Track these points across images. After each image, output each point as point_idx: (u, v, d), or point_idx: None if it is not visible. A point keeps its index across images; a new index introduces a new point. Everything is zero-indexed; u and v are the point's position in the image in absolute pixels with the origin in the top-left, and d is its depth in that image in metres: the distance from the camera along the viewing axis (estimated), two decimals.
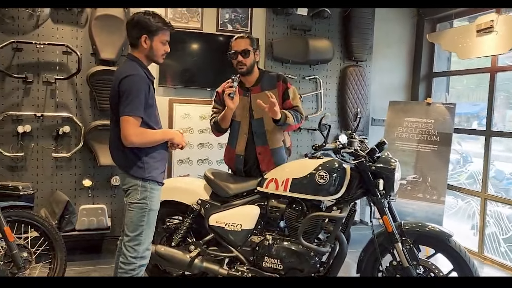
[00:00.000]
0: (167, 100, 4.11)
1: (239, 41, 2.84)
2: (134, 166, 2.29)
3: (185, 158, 4.20)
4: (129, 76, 2.23)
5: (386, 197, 2.58)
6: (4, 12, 3.58)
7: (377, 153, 2.59)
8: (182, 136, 2.46)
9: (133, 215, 2.30)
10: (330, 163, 2.66)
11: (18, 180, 3.72)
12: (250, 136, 2.91)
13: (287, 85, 2.91)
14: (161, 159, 2.39)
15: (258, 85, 2.89)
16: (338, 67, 4.60)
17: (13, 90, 3.68)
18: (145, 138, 2.25)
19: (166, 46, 2.39)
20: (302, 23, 4.42)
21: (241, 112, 2.89)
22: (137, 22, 2.31)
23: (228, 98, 2.73)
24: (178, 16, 4.06)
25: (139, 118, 2.22)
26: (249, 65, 2.83)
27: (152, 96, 2.33)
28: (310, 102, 4.52)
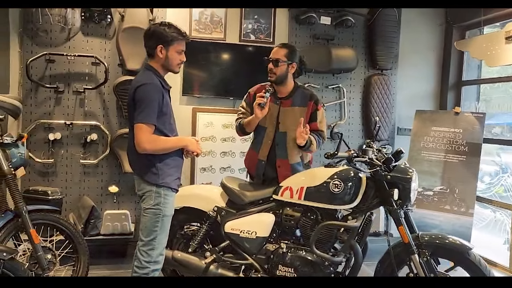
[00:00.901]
0: (190, 109, 4.19)
1: (277, 49, 2.91)
2: (148, 172, 2.36)
3: (208, 166, 4.26)
4: (143, 85, 2.31)
5: (402, 207, 2.53)
6: (38, 26, 3.79)
7: (393, 162, 2.54)
8: (197, 144, 2.51)
9: (147, 220, 2.36)
10: (345, 172, 2.64)
11: (48, 185, 3.89)
12: (273, 145, 2.93)
13: (318, 106, 2.92)
14: (176, 166, 2.45)
15: (289, 99, 2.92)
16: (362, 76, 4.55)
17: (45, 99, 3.87)
18: (157, 145, 2.32)
19: (181, 56, 2.46)
20: (325, 32, 4.42)
21: (269, 119, 2.92)
22: (153, 32, 2.40)
23: (258, 108, 2.77)
24: (202, 27, 4.16)
25: (152, 126, 2.29)
26: (278, 75, 2.86)
27: (166, 104, 2.39)
28: (334, 111, 4.50)
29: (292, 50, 2.89)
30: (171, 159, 2.42)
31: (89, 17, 3.82)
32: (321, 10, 4.33)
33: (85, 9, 3.80)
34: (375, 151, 2.78)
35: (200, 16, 4.14)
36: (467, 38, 4.58)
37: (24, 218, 2.83)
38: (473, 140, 4.17)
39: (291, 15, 4.33)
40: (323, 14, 4.36)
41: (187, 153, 2.51)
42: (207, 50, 4.15)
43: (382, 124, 4.53)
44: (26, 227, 2.83)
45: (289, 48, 2.89)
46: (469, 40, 4.42)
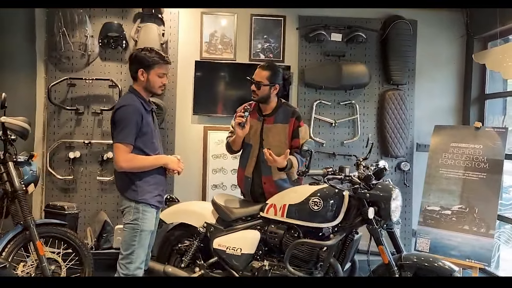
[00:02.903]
0: (202, 128, 4.32)
1: (259, 71, 2.94)
2: (128, 189, 2.49)
3: (219, 183, 4.35)
4: (122, 107, 2.45)
5: (382, 226, 2.46)
6: (61, 53, 4.12)
7: (372, 180, 2.48)
8: (178, 162, 2.61)
9: (126, 235, 2.48)
10: (327, 190, 2.61)
11: (69, 200, 4.15)
12: (258, 161, 2.96)
13: (300, 123, 2.93)
14: (155, 183, 2.55)
15: (272, 116, 2.96)
16: (376, 92, 4.46)
17: (67, 120, 4.17)
18: (134, 163, 2.44)
19: (163, 79, 2.58)
20: (336, 49, 4.40)
21: (253, 136, 2.97)
22: (135, 57, 2.55)
23: (238, 127, 2.83)
24: (212, 48, 4.31)
25: (129, 145, 2.42)
26: (260, 96, 2.91)
27: (147, 125, 2.51)
28: (346, 128, 4.43)
29: (274, 72, 2.91)
30: (151, 177, 2.52)
31: (106, 43, 4.10)
32: (331, 27, 4.33)
33: (103, 36, 4.08)
34: (362, 168, 2.73)
35: (210, 38, 4.30)
36: (485, 50, 4.37)
37: (31, 230, 3.05)
38: (495, 156, 3.92)
39: (300, 33, 4.37)
40: (334, 31, 4.36)
41: (168, 171, 2.61)
42: (217, 70, 4.28)
43: (398, 141, 4.40)
44: (33, 239, 3.05)
45: (271, 70, 2.90)
46: (486, 51, 4.20)
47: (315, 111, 4.34)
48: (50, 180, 4.17)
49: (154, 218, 2.58)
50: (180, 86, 4.30)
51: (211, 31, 4.29)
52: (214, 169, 4.33)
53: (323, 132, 4.39)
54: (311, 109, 4.34)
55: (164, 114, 4.16)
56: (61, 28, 4.04)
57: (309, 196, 2.60)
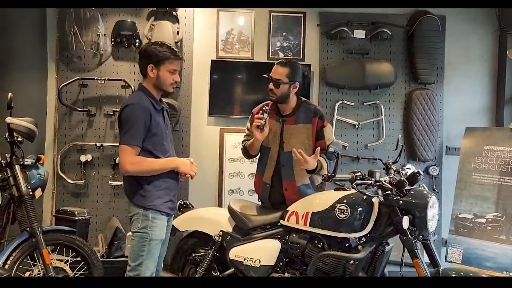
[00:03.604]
0: (217, 130, 4.13)
1: (277, 68, 2.71)
2: (136, 195, 2.30)
3: (236, 188, 4.14)
4: (128, 106, 2.27)
5: (418, 237, 2.21)
6: (73, 53, 3.98)
7: (406, 185, 2.24)
8: (190, 165, 2.41)
9: (134, 245, 2.28)
10: (354, 196, 2.38)
11: (81, 205, 3.99)
12: (277, 166, 2.74)
13: (324, 123, 2.70)
14: (166, 187, 2.36)
15: (293, 116, 2.74)
16: (402, 91, 4.20)
17: (78, 122, 4.02)
18: (141, 167, 2.25)
19: (174, 75, 2.39)
20: (359, 46, 4.16)
21: (271, 139, 2.75)
22: (144, 52, 2.37)
23: (257, 130, 2.62)
24: (229, 47, 4.11)
25: (135, 147, 2.24)
26: (279, 96, 2.69)
27: (156, 125, 2.33)
28: (371, 130, 4.18)
29: (293, 69, 2.69)
30: (161, 181, 2.33)
31: (119, 42, 3.94)
32: (354, 23, 4.10)
33: (115, 35, 3.93)
34: (393, 173, 2.49)
35: (227, 36, 4.11)
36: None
37: (38, 238, 2.89)
38: None
39: (321, 30, 4.14)
40: (357, 28, 4.12)
41: (180, 175, 2.42)
42: (234, 69, 4.09)
43: (426, 143, 4.13)
44: (39, 247, 2.88)
45: (291, 67, 2.68)
46: None
47: (337, 112, 4.10)
48: (61, 185, 4.03)
49: (165, 226, 2.38)
50: (195, 86, 4.12)
51: (227, 29, 4.10)
52: (230, 174, 4.13)
53: (346, 135, 4.14)
54: (333, 110, 4.11)
55: (178, 115, 3.98)
56: (73, 26, 3.91)
57: (335, 203, 2.37)
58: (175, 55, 2.37)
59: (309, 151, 2.63)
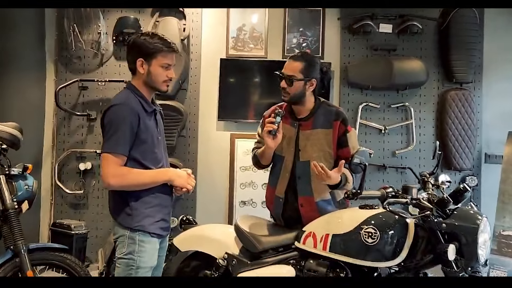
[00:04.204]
0: (228, 135, 3.77)
1: (290, 63, 2.30)
2: (121, 213, 1.94)
3: (248, 200, 3.76)
4: (112, 107, 1.93)
5: (466, 269, 1.77)
6: (72, 53, 3.70)
7: (450, 204, 1.81)
8: (187, 177, 2.04)
9: (119, 273, 1.92)
10: (384, 216, 1.96)
11: (80, 217, 3.70)
12: (292, 178, 2.35)
13: (347, 127, 2.28)
14: (158, 204, 1.99)
15: (310, 120, 2.32)
16: (435, 92, 3.76)
17: (78, 127, 3.72)
18: (126, 179, 1.89)
19: (168, 71, 2.03)
20: (386, 42, 3.74)
21: (285, 146, 2.36)
22: (132, 44, 2.02)
23: (268, 136, 2.24)
24: (240, 44, 3.76)
25: (120, 156, 1.88)
26: (293, 95, 2.28)
27: (146, 130, 1.97)
28: (399, 135, 3.75)
29: (309, 63, 2.28)
30: (151, 197, 1.97)
31: (121, 40, 3.64)
32: (380, 16, 3.68)
33: (117, 33, 3.63)
34: (431, 187, 2.07)
35: (238, 33, 3.76)
36: None
37: (22, 257, 2.56)
38: None
39: (342, 25, 3.74)
40: (382, 21, 3.71)
41: (175, 189, 2.05)
42: (246, 69, 3.73)
43: (463, 150, 3.66)
44: (23, 268, 2.55)
45: (306, 61, 2.27)
46: None
47: (361, 115, 3.69)
48: (59, 195, 3.73)
49: (156, 250, 2.01)
50: (204, 88, 3.77)
51: (238, 25, 3.75)
52: (242, 183, 3.75)
53: (371, 141, 3.71)
54: (356, 113, 3.69)
55: (185, 120, 3.65)
56: (72, 24, 3.62)
57: (361, 224, 1.96)
58: (168, 47, 2.01)
59: (330, 161, 2.23)
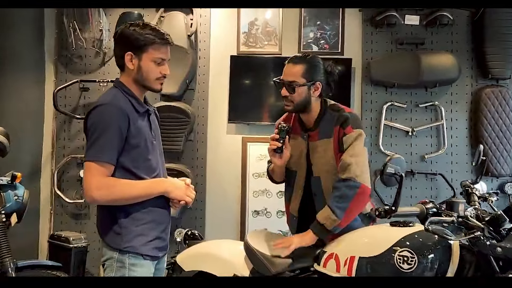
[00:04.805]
0: (239, 139, 3.47)
1: (289, 67, 2.01)
2: (109, 232, 1.67)
3: (262, 209, 3.46)
4: (97, 108, 1.65)
5: None
6: (73, 52, 3.47)
7: (505, 223, 1.47)
8: (185, 188, 1.75)
9: None
10: (422, 236, 1.63)
11: (81, 228, 3.45)
12: (306, 194, 2.06)
13: (345, 130, 1.94)
14: (151, 221, 1.70)
15: (316, 129, 2.03)
16: (468, 89, 3.39)
17: (78, 132, 3.48)
18: (113, 193, 1.61)
19: (162, 67, 1.75)
20: (413, 35, 3.39)
21: (296, 160, 2.08)
22: (120, 36, 1.74)
23: (274, 155, 2.00)
24: (252, 40, 3.46)
25: (106, 165, 1.60)
26: (297, 103, 1.99)
27: (138, 133, 1.68)
28: (428, 138, 3.39)
29: (310, 64, 1.98)
30: (143, 212, 1.68)
31: None
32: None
33: None
34: (477, 200, 1.73)
35: (250, 28, 3.46)
36: None
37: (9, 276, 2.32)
38: None
39: (364, 17, 3.41)
40: (409, 12, 3.36)
41: (172, 202, 1.76)
42: (259, 67, 3.43)
43: (501, 154, 3.29)
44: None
45: (307, 63, 1.98)
46: None
47: (386, 116, 3.35)
48: (59, 204, 3.49)
49: (151, 274, 1.72)
50: (213, 88, 3.48)
51: (250, 19, 3.46)
52: (255, 191, 3.45)
53: (397, 144, 3.37)
54: (380, 114, 3.36)
55: (193, 123, 3.38)
56: (72, 22, 3.39)
57: (394, 246, 1.63)
58: (161, 39, 1.72)
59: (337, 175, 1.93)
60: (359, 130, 1.95)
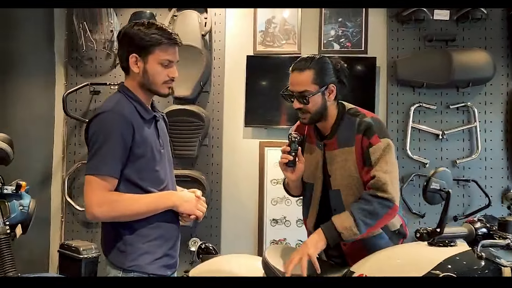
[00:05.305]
0: (257, 144, 3.29)
1: (296, 76, 1.80)
2: (113, 249, 1.53)
3: (281, 218, 3.27)
4: (100, 115, 1.53)
5: None
6: (83, 54, 3.35)
7: None
8: (195, 202, 1.59)
9: None
10: (467, 259, 1.42)
11: (92, 237, 3.32)
12: (324, 208, 1.86)
13: (371, 139, 1.73)
14: (158, 237, 1.55)
15: (334, 137, 1.82)
16: (503, 89, 3.14)
17: None
18: (117, 208, 1.46)
19: (170, 70, 1.59)
20: (442, 31, 3.16)
21: (313, 171, 1.88)
22: (124, 36, 1.59)
23: (286, 169, 1.84)
24: (269, 39, 3.28)
25: (108, 178, 1.46)
26: (314, 114, 1.80)
27: (144, 142, 1.53)
28: (460, 141, 3.15)
29: (321, 67, 1.77)
30: (150, 228, 1.53)
31: None
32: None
33: None
34: None
35: (267, 26, 3.28)
36: None
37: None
38: None
39: (390, 12, 3.20)
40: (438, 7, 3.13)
41: (181, 217, 1.60)
42: (276, 67, 3.24)
43: None
44: None
45: (316, 66, 1.76)
46: None
47: (413, 118, 3.13)
48: (70, 212, 3.37)
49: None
50: (228, 90, 3.32)
51: (267, 17, 3.28)
52: (273, 199, 3.26)
53: (425, 148, 3.14)
54: (407, 116, 3.13)
55: (207, 127, 3.22)
56: (82, 22, 3.27)
57: (434, 269, 1.42)
58: (169, 39, 1.57)
59: (361, 190, 1.74)
60: (386, 139, 1.74)
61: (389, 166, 1.68)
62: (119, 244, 1.51)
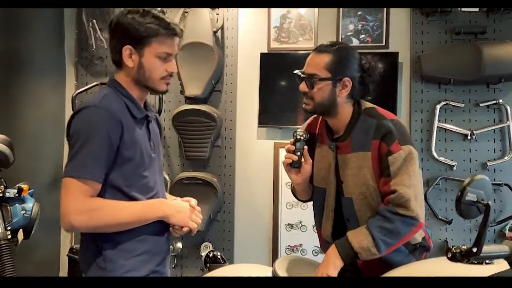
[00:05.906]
0: (271, 144, 3.15)
1: (313, 57, 1.67)
2: (92, 265, 1.40)
3: (296, 222, 3.12)
4: (83, 110, 1.38)
5: None
6: (93, 53, 3.28)
7: None
8: (189, 212, 1.44)
9: None
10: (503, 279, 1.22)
11: None
12: (338, 217, 1.69)
13: (391, 146, 1.54)
14: (145, 252, 1.41)
15: (347, 139, 1.65)
16: None
17: None
18: (98, 218, 1.32)
19: (168, 64, 1.45)
20: (471, 23, 2.94)
21: (325, 175, 1.71)
22: (116, 26, 1.45)
23: (290, 170, 1.68)
24: (284, 35, 3.13)
25: (89, 182, 1.32)
26: (318, 103, 1.62)
27: (133, 144, 1.39)
28: (491, 142, 2.92)
29: (341, 55, 1.60)
30: (135, 241, 1.39)
31: None
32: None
33: None
34: None
35: (281, 22, 3.13)
36: None
37: None
38: None
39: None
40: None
41: (173, 229, 1.45)
42: (292, 64, 3.03)
43: None
44: None
45: (336, 53, 1.60)
46: None
47: (440, 117, 2.91)
48: None
49: None
50: (241, 88, 3.20)
51: (282, 12, 3.13)
52: (288, 202, 3.12)
53: (453, 149, 2.93)
54: (432, 115, 2.92)
55: (220, 127, 3.11)
56: (91, 21, 3.20)
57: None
58: (166, 29, 1.43)
59: (377, 200, 1.57)
60: (408, 146, 1.55)
61: (412, 179, 1.51)
62: (99, 260, 1.37)
